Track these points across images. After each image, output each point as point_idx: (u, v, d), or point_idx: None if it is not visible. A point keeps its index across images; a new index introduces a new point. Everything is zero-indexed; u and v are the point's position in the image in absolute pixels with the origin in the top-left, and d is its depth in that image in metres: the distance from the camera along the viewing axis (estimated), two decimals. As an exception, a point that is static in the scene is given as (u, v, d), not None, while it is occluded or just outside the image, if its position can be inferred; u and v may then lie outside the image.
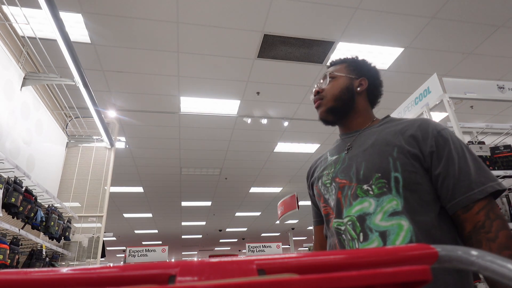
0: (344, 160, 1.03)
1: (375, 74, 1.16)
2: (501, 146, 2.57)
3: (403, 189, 0.88)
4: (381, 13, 3.74)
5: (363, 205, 0.91)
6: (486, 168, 0.89)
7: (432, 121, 0.98)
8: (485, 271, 0.33)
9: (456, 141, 0.92)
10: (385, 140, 0.97)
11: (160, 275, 0.28)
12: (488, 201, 0.83)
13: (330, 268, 0.29)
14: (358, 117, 1.11)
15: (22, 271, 0.27)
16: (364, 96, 1.13)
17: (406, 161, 0.90)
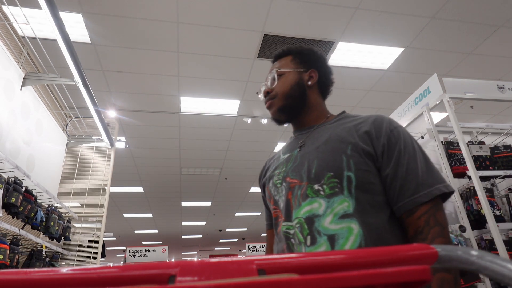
0: (296, 158, 0.96)
1: (324, 63, 1.09)
2: (501, 146, 2.57)
3: (355, 190, 0.83)
4: (381, 13, 3.74)
5: (312, 206, 0.85)
6: (435, 169, 0.86)
7: (386, 117, 0.93)
8: (485, 271, 0.33)
9: (408, 140, 0.88)
10: (339, 136, 0.91)
11: (160, 275, 0.28)
12: (432, 205, 0.79)
13: (330, 268, 0.29)
14: (311, 112, 1.05)
15: (22, 271, 0.27)
16: (315, 89, 1.06)
17: (360, 159, 0.85)
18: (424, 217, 0.78)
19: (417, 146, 0.88)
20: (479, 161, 2.45)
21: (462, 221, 2.26)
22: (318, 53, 1.10)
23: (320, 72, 1.06)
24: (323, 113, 1.07)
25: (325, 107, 1.09)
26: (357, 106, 5.62)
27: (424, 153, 0.88)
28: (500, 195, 2.58)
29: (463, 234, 2.22)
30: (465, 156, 2.34)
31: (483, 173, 2.35)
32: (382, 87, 5.11)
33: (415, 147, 0.87)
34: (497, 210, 2.28)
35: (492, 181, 2.55)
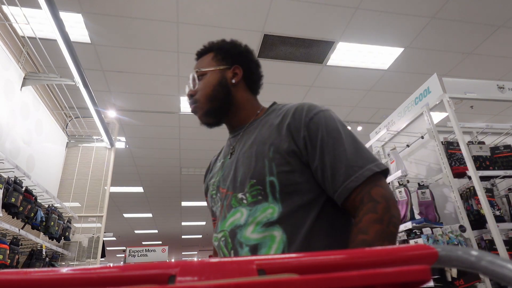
0: (227, 165, 0.92)
1: (249, 57, 1.02)
2: (501, 146, 2.57)
3: (280, 194, 0.78)
4: (381, 13, 3.74)
5: (235, 217, 0.81)
6: (365, 148, 0.81)
7: (307, 104, 0.87)
8: (485, 271, 0.33)
9: (331, 123, 0.82)
10: (263, 138, 0.86)
11: (160, 275, 0.28)
12: (366, 185, 0.74)
13: (330, 268, 0.29)
14: (240, 112, 0.98)
15: (22, 271, 0.27)
16: (242, 86, 0.99)
17: (282, 160, 0.80)
18: (359, 197, 0.73)
19: (342, 127, 0.83)
20: (479, 161, 2.45)
21: (462, 221, 2.26)
22: (242, 47, 1.03)
23: (245, 67, 0.99)
24: (253, 110, 0.99)
25: (255, 102, 1.01)
26: (357, 106, 5.62)
27: (351, 133, 0.83)
28: (500, 195, 2.58)
29: (463, 234, 2.22)
30: (465, 156, 2.34)
31: (483, 173, 2.35)
32: (382, 87, 5.11)
33: (339, 129, 0.82)
34: (497, 210, 2.28)
35: (492, 181, 2.55)
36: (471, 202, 2.39)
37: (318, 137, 0.80)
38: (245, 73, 0.99)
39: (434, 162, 2.75)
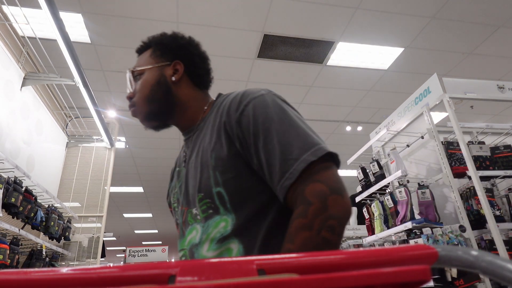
0: (182, 176, 0.84)
1: (191, 50, 0.92)
2: (501, 146, 2.57)
3: (231, 204, 0.71)
4: (381, 13, 3.74)
5: (191, 235, 0.75)
6: (304, 133, 0.68)
7: (239, 96, 0.76)
8: (485, 271, 0.33)
9: (261, 113, 0.71)
10: (205, 144, 0.78)
11: (160, 275, 0.28)
12: (300, 181, 0.63)
13: (330, 268, 0.29)
14: (186, 111, 0.89)
15: (22, 271, 0.27)
16: (185, 83, 0.89)
17: (226, 167, 0.72)
18: (294, 198, 0.64)
19: (276, 111, 0.71)
20: (479, 161, 2.45)
21: (462, 221, 2.26)
22: (184, 39, 0.93)
23: (187, 62, 0.90)
24: (200, 107, 0.89)
25: (202, 98, 0.91)
26: (357, 106, 5.62)
27: (287, 116, 0.71)
28: (500, 195, 2.58)
29: (463, 234, 2.22)
30: (465, 156, 2.34)
31: (483, 173, 2.35)
32: (382, 87, 5.11)
33: (271, 116, 0.70)
34: (497, 210, 2.28)
35: (492, 181, 2.55)
36: (471, 202, 2.39)
37: (250, 132, 0.70)
38: (187, 68, 0.89)
39: (434, 162, 2.75)
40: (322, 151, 0.65)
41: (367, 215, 3.11)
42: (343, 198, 0.61)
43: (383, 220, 2.85)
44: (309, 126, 0.73)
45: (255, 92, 0.76)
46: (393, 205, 2.72)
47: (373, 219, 3.02)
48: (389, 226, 2.76)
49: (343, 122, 6.07)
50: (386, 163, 3.20)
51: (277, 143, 0.67)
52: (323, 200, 0.60)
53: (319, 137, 0.70)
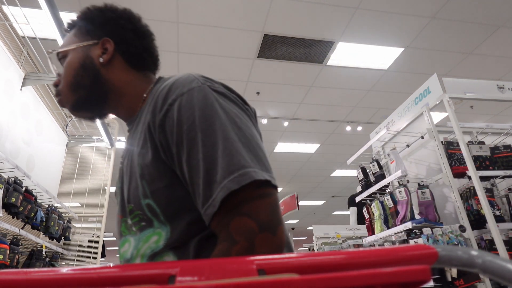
0: (120, 178, 0.71)
1: (122, 23, 0.76)
2: (501, 146, 2.57)
3: (165, 216, 0.60)
4: (381, 13, 3.74)
5: (124, 248, 0.66)
6: (231, 149, 0.54)
7: (166, 88, 0.62)
8: (485, 271, 0.33)
9: (187, 118, 0.57)
10: (133, 146, 0.67)
11: (160, 275, 0.28)
12: (224, 213, 0.52)
13: (330, 268, 0.29)
14: (121, 99, 0.75)
15: (22, 271, 0.27)
16: (118, 65, 0.75)
17: (153, 175, 0.60)
18: (217, 230, 0.53)
19: (203, 117, 0.56)
20: (479, 161, 2.45)
21: (462, 221, 2.26)
22: (113, 12, 0.77)
23: (117, 38, 0.74)
24: (138, 94, 0.74)
25: (141, 82, 0.76)
26: (357, 106, 5.62)
27: (216, 123, 0.56)
28: (500, 195, 2.58)
29: (463, 234, 2.22)
30: (465, 156, 2.34)
31: (483, 173, 2.35)
32: (382, 87, 5.11)
33: (197, 123, 0.56)
34: (497, 210, 2.28)
35: (492, 181, 2.55)
36: (471, 202, 2.39)
37: (173, 141, 0.57)
38: (119, 46, 0.74)
39: (434, 162, 2.75)
40: (247, 178, 0.51)
41: (367, 215, 3.11)
42: (275, 235, 0.51)
43: (383, 220, 2.85)
44: (251, 134, 0.58)
45: (185, 84, 0.60)
46: (393, 205, 2.72)
47: (373, 219, 3.02)
48: (389, 226, 2.76)
49: (343, 122, 6.07)
50: (386, 163, 3.20)
51: (202, 159, 0.54)
52: (250, 239, 0.50)
53: (257, 152, 0.56)
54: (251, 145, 0.56)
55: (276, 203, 0.54)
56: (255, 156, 0.55)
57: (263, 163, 0.55)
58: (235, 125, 0.57)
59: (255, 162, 0.54)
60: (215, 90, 0.61)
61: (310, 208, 12.02)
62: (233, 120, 0.58)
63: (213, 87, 0.61)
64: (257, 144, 0.58)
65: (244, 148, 0.55)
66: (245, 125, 0.59)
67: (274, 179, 0.55)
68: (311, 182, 9.42)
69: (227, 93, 0.63)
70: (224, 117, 0.57)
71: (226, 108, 0.59)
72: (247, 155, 0.54)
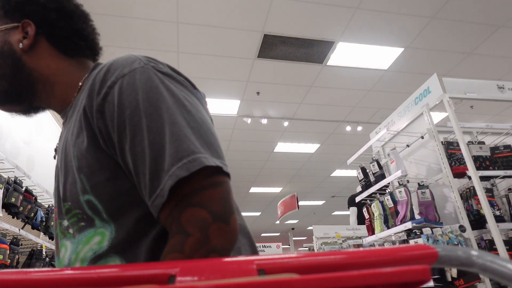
0: (56, 174, 0.64)
1: (44, 2, 0.65)
2: (501, 146, 2.57)
3: (108, 214, 0.53)
4: (381, 13, 3.74)
5: (61, 254, 0.58)
6: (178, 133, 0.49)
7: (104, 70, 0.56)
8: (485, 271, 0.33)
9: (129, 103, 0.51)
10: (69, 135, 0.59)
11: (160, 275, 0.28)
12: (174, 203, 0.48)
13: (330, 268, 0.29)
14: (53, 89, 0.66)
15: (22, 271, 0.27)
16: (44, 50, 0.66)
17: (92, 167, 0.53)
18: (168, 222, 0.49)
19: (148, 101, 0.51)
20: (479, 161, 2.45)
21: (462, 221, 2.26)
22: None
23: (40, 21, 0.65)
24: (73, 83, 0.67)
25: (76, 69, 0.68)
26: (357, 106, 5.62)
27: (162, 107, 0.51)
28: (500, 195, 2.58)
29: (463, 234, 2.22)
30: (465, 156, 2.34)
31: (483, 173, 2.35)
32: (382, 87, 5.11)
33: (141, 107, 0.50)
34: (497, 210, 2.28)
35: (492, 181, 2.55)
36: (471, 202, 2.39)
37: (114, 127, 0.51)
38: (43, 29, 0.65)
39: (434, 162, 2.76)
40: (197, 164, 0.47)
41: (367, 215, 3.11)
42: (229, 224, 0.48)
43: (383, 220, 2.85)
44: (202, 118, 0.53)
45: (126, 65, 0.54)
46: (393, 205, 2.72)
47: (373, 219, 3.02)
48: (389, 226, 2.76)
49: (343, 122, 6.07)
50: (386, 163, 3.20)
51: (148, 146, 0.49)
52: (204, 230, 0.46)
53: (208, 138, 0.52)
54: (202, 129, 0.52)
55: (228, 192, 0.51)
56: (206, 142, 0.51)
57: (215, 149, 0.51)
58: (183, 109, 0.52)
59: (206, 148, 0.50)
60: (160, 71, 0.55)
61: (310, 208, 12.02)
62: (181, 103, 0.52)
63: (157, 67, 0.56)
64: (209, 129, 0.53)
65: (194, 133, 0.50)
66: (195, 108, 0.54)
67: (226, 166, 0.52)
68: (311, 182, 9.42)
69: (173, 74, 0.57)
70: (171, 100, 0.52)
71: (173, 90, 0.53)
72: (197, 140, 0.50)
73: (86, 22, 0.71)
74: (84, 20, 0.70)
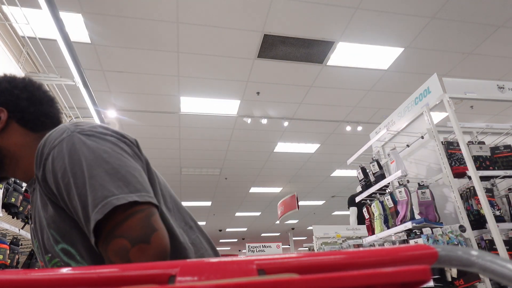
0: (33, 235, 0.74)
1: (16, 93, 0.78)
2: (501, 146, 2.57)
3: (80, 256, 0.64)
4: (381, 13, 3.74)
5: None
6: (95, 185, 0.58)
7: (41, 147, 0.65)
8: (485, 271, 0.33)
9: (60, 168, 0.61)
10: (37, 200, 0.70)
11: (160, 275, 0.28)
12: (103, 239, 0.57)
13: (330, 268, 0.29)
14: (18, 163, 0.77)
15: (22, 271, 0.27)
16: (13, 130, 0.78)
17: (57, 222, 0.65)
18: (104, 257, 0.58)
19: (72, 163, 0.61)
20: (479, 161, 2.45)
21: (462, 221, 2.26)
22: (10, 83, 0.80)
23: (12, 108, 0.78)
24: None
25: (38, 142, 0.77)
26: (357, 106, 5.62)
27: (82, 166, 0.61)
28: (500, 195, 2.58)
29: (463, 234, 2.22)
30: (465, 156, 2.34)
31: (483, 173, 2.35)
32: (382, 87, 5.11)
33: (69, 169, 0.61)
34: (497, 210, 2.28)
35: (492, 181, 2.55)
36: (471, 202, 2.39)
37: (55, 190, 0.63)
38: (14, 114, 0.78)
39: (434, 162, 2.75)
40: (109, 206, 0.56)
41: (367, 215, 3.11)
42: (150, 243, 0.55)
43: (383, 220, 2.85)
44: (120, 163, 0.62)
45: (56, 138, 0.65)
46: (393, 205, 2.72)
47: (373, 219, 3.02)
48: (389, 226, 2.76)
49: (343, 122, 6.07)
50: (386, 163, 3.20)
51: (78, 200, 0.59)
52: (124, 256, 0.54)
53: (126, 179, 0.60)
54: (119, 174, 0.60)
55: (148, 215, 0.58)
56: (123, 183, 0.59)
57: (133, 186, 0.60)
58: (102, 161, 0.61)
59: (122, 189, 0.58)
60: (84, 134, 0.65)
61: (310, 208, 12.02)
62: (100, 157, 0.62)
63: (82, 132, 0.65)
64: (128, 171, 0.62)
65: (110, 180, 0.59)
66: (115, 157, 0.63)
67: (144, 196, 0.59)
68: (311, 182, 9.42)
69: (96, 133, 0.66)
70: (91, 156, 0.61)
71: (93, 147, 0.63)
72: (112, 185, 0.58)
73: (53, 105, 0.85)
74: (51, 104, 0.84)
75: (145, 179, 0.64)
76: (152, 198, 0.61)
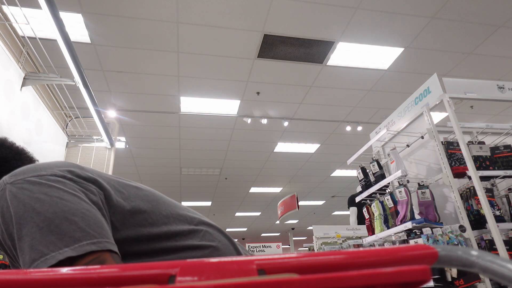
0: None
1: None
2: (501, 146, 2.57)
3: None
4: (381, 13, 3.74)
5: None
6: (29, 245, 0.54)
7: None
8: (485, 271, 0.33)
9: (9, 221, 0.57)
10: None
11: (160, 275, 0.28)
12: None
13: (330, 268, 0.29)
14: None
15: (22, 271, 0.27)
16: None
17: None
18: None
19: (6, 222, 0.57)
20: (479, 161, 2.45)
21: (462, 221, 2.26)
22: None
23: None
24: None
25: None
26: (357, 106, 5.62)
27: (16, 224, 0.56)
28: (500, 195, 2.58)
29: (463, 234, 2.22)
30: (465, 156, 2.34)
31: (483, 173, 2.35)
32: (382, 87, 5.11)
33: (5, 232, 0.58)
34: (497, 210, 2.28)
35: (492, 181, 2.55)
36: (471, 202, 2.38)
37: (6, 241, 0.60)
38: None
39: (434, 162, 2.75)
40: (43, 265, 0.52)
41: (367, 215, 3.11)
42: None
43: (383, 220, 2.85)
44: (55, 210, 0.56)
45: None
46: (393, 205, 2.72)
47: (373, 219, 3.02)
48: (389, 226, 2.76)
49: (343, 122, 6.07)
50: (386, 163, 3.20)
51: (21, 259, 0.55)
52: None
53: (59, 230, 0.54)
54: (52, 224, 0.54)
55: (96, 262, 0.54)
56: (57, 236, 0.54)
57: (70, 236, 0.54)
58: (33, 213, 0.55)
59: (54, 244, 0.53)
60: (16, 184, 0.60)
61: (310, 208, 12.02)
62: (30, 209, 0.56)
63: (15, 183, 0.60)
64: (65, 217, 0.55)
65: (41, 237, 0.54)
66: (49, 203, 0.57)
67: (83, 246, 0.53)
68: (311, 182, 9.42)
69: (33, 179, 0.61)
70: (21, 211, 0.56)
71: (23, 199, 0.57)
72: (42, 243, 0.53)
73: (22, 160, 0.91)
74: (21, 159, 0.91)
75: (91, 219, 0.57)
76: (96, 244, 0.54)
